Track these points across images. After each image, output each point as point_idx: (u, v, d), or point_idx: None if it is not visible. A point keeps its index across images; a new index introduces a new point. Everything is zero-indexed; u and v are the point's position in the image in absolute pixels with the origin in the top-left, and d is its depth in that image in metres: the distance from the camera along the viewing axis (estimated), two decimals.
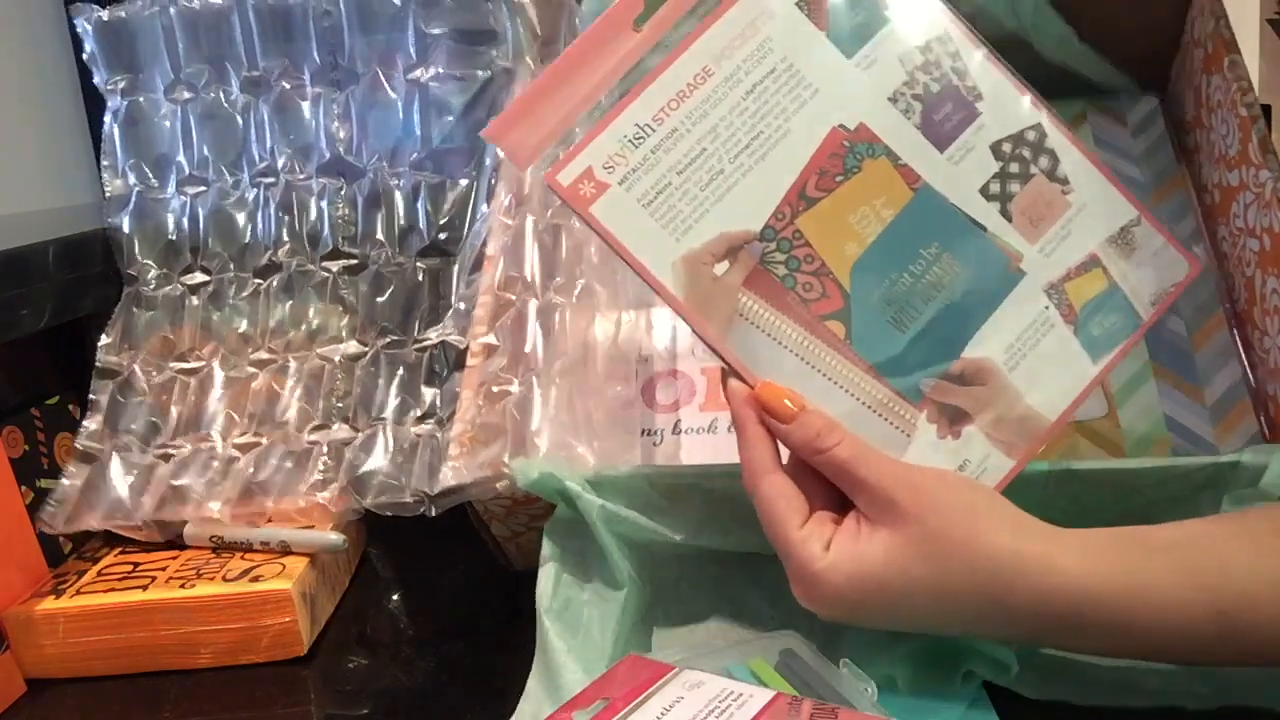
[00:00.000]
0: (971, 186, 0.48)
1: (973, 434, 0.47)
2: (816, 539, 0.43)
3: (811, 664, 0.48)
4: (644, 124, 0.45)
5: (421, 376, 0.71)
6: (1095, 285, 0.49)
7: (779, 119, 0.46)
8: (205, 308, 0.76)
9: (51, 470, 0.67)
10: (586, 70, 0.45)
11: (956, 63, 0.48)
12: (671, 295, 0.45)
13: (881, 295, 0.46)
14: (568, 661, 0.48)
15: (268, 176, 0.78)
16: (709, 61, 0.46)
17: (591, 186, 0.45)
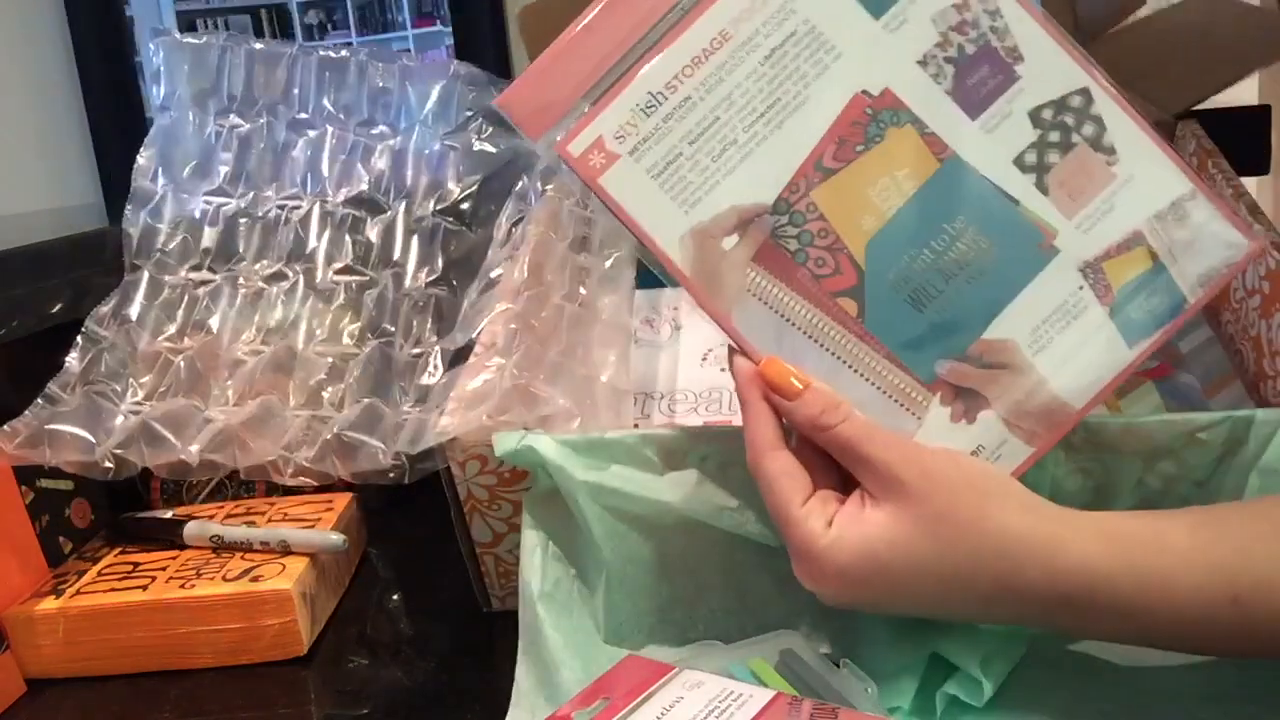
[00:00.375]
0: (1005, 157, 0.44)
1: (989, 419, 0.45)
2: (819, 516, 0.43)
3: (811, 664, 0.48)
4: (656, 91, 0.44)
5: (418, 374, 0.71)
6: (1138, 264, 0.45)
7: (798, 85, 0.44)
8: (206, 301, 0.76)
9: (52, 470, 0.67)
10: (602, 35, 0.44)
11: (996, 21, 0.44)
12: (679, 270, 0.44)
13: (899, 272, 0.45)
14: (565, 657, 0.48)
15: (294, 200, 0.81)
16: (727, 25, 0.44)
17: (601, 157, 0.44)
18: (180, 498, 0.75)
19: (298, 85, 0.84)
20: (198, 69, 0.84)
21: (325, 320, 0.76)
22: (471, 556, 0.58)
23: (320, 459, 0.66)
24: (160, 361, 0.73)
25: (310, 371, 0.73)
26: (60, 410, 0.67)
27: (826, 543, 0.42)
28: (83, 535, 0.69)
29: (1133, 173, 0.45)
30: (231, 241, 0.79)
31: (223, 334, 0.75)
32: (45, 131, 0.93)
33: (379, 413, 0.69)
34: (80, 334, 0.73)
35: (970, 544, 0.41)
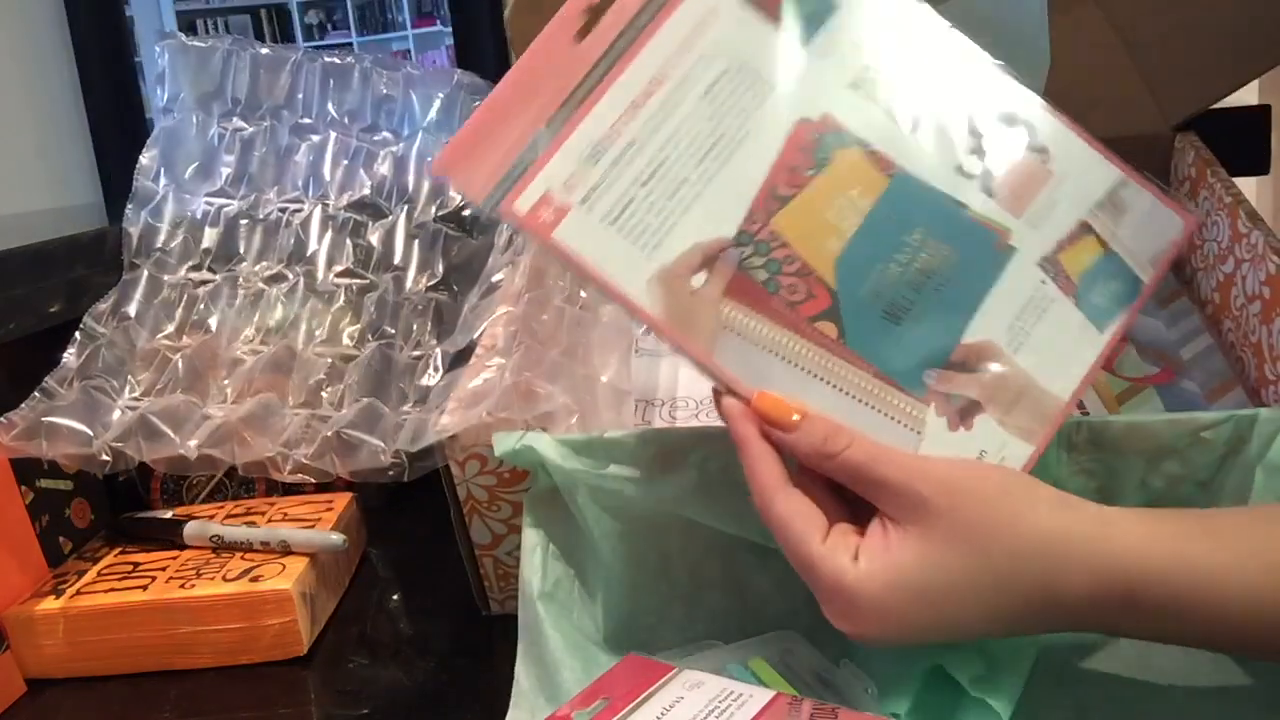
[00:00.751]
0: (949, 165, 0.45)
1: (986, 423, 0.44)
2: (843, 551, 0.40)
3: (812, 664, 0.48)
4: (599, 139, 0.43)
5: (418, 376, 0.71)
6: (1090, 253, 0.46)
7: (739, 119, 0.44)
8: (205, 301, 0.76)
9: (52, 470, 0.67)
10: (533, 90, 0.43)
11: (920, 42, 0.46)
12: (650, 315, 0.43)
13: (870, 289, 0.44)
14: (565, 657, 0.48)
15: (295, 203, 0.81)
16: (659, 68, 0.44)
17: (551, 211, 0.42)
18: (180, 498, 0.75)
19: (302, 90, 0.85)
20: (202, 72, 0.84)
21: (325, 321, 0.76)
22: (470, 559, 0.58)
23: (319, 456, 0.66)
24: (158, 359, 0.73)
25: (309, 372, 0.73)
26: (57, 404, 0.67)
27: (855, 576, 0.39)
28: (83, 535, 0.69)
29: (1067, 169, 0.46)
30: (232, 242, 0.80)
31: (222, 333, 0.75)
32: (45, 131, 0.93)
33: (378, 412, 0.69)
34: (78, 330, 0.73)
35: (1007, 549, 0.39)
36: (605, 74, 0.43)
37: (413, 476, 0.63)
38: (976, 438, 0.45)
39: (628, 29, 0.44)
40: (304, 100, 0.85)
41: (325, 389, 0.72)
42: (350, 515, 0.69)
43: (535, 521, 0.51)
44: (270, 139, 0.83)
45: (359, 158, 0.83)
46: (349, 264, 0.79)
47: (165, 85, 0.85)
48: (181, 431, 0.67)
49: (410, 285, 0.78)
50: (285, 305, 0.76)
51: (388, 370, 0.72)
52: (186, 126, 0.83)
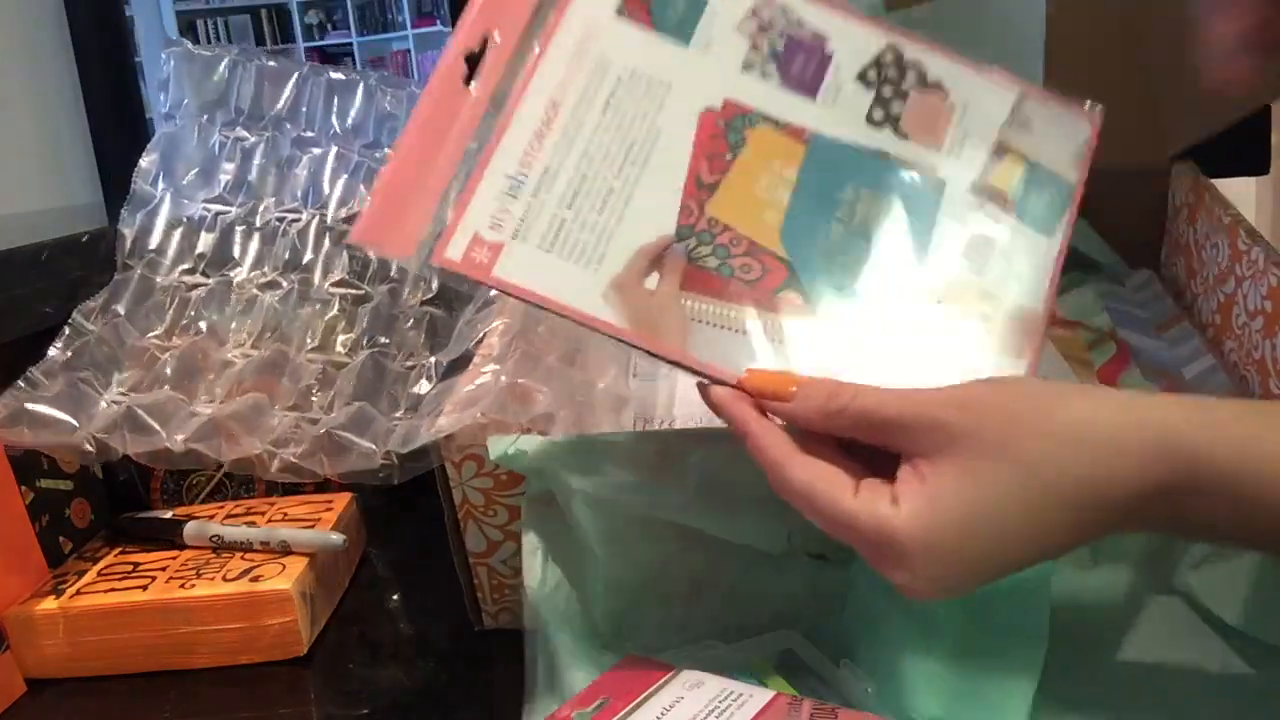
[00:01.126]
0: (857, 120, 0.47)
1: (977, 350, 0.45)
2: (879, 499, 0.38)
3: (811, 664, 0.48)
4: (513, 174, 0.43)
5: (411, 384, 0.71)
6: (1015, 169, 0.48)
7: (645, 122, 0.45)
8: (198, 304, 0.76)
9: (51, 470, 0.68)
10: (434, 144, 0.43)
11: (789, 16, 0.47)
12: (614, 328, 0.42)
13: (821, 251, 0.45)
14: (571, 659, 0.48)
15: (294, 213, 0.81)
16: (552, 95, 0.44)
17: (485, 251, 0.42)
18: (180, 498, 0.75)
19: (305, 104, 0.85)
20: (206, 80, 0.84)
21: (318, 328, 0.76)
22: (465, 568, 0.57)
23: (308, 456, 0.66)
24: (147, 357, 0.73)
25: (300, 376, 0.72)
26: (41, 394, 0.67)
27: (901, 520, 0.37)
28: (83, 535, 0.69)
29: (966, 98, 0.48)
30: (227, 248, 0.79)
31: (213, 336, 0.75)
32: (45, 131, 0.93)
33: (369, 415, 0.69)
34: (67, 325, 0.72)
35: (1042, 450, 0.37)
36: (501, 111, 0.43)
37: (403, 478, 0.62)
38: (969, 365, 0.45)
39: (511, 64, 0.44)
40: (307, 113, 0.85)
41: (315, 393, 0.72)
42: (350, 515, 0.69)
43: (534, 524, 0.51)
44: (271, 149, 0.83)
45: (359, 173, 0.83)
46: (344, 274, 0.79)
47: (169, 92, 0.85)
48: (168, 426, 0.66)
49: (405, 298, 0.78)
50: (278, 311, 0.76)
51: (380, 378, 0.72)
52: (188, 133, 0.83)
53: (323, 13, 5.39)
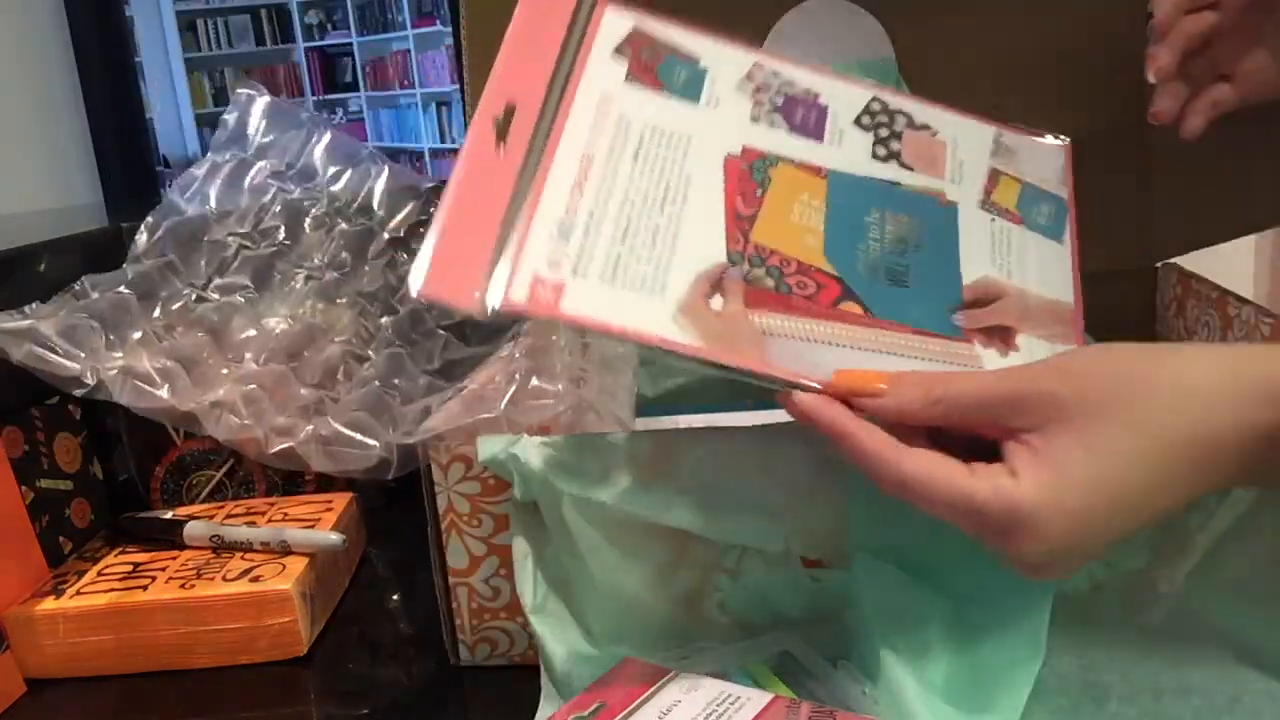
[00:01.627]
0: (864, 157, 0.50)
1: (1027, 340, 0.48)
2: (999, 473, 0.38)
3: (809, 666, 0.48)
4: (560, 219, 0.44)
5: (418, 392, 0.72)
6: (1012, 189, 0.52)
7: (676, 168, 0.47)
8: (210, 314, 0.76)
9: (51, 470, 0.68)
10: (475, 199, 0.44)
11: (781, 79, 0.51)
12: (692, 348, 0.43)
13: (865, 265, 0.48)
14: (571, 666, 0.48)
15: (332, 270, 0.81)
16: (583, 150, 0.46)
17: (548, 290, 0.43)
18: (180, 498, 0.75)
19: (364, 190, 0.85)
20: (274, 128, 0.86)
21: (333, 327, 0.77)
22: (445, 591, 0.55)
23: (305, 444, 0.66)
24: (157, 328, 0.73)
25: (309, 372, 0.73)
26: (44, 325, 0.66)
27: (1025, 489, 0.37)
28: (83, 535, 0.69)
29: (954, 134, 0.52)
30: (245, 275, 0.79)
31: (223, 334, 0.75)
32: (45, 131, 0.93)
33: (374, 410, 0.69)
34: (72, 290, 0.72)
35: (1153, 405, 0.37)
36: (536, 167, 0.45)
37: (398, 474, 0.63)
38: (1025, 355, 0.48)
39: (536, 128, 0.46)
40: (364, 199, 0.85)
41: (324, 390, 0.72)
42: (350, 515, 0.69)
43: (522, 529, 0.51)
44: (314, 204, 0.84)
45: None
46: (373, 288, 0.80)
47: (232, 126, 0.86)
48: (173, 388, 0.67)
49: (430, 323, 0.79)
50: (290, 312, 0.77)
51: (389, 386, 0.73)
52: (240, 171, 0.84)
53: (323, 13, 5.39)
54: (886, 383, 0.42)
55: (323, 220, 0.82)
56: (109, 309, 0.71)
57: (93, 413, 0.73)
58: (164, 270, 0.75)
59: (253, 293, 0.77)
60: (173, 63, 5.16)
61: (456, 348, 0.77)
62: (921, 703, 0.44)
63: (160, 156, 4.26)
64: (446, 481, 0.53)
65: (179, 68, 5.19)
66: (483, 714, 0.53)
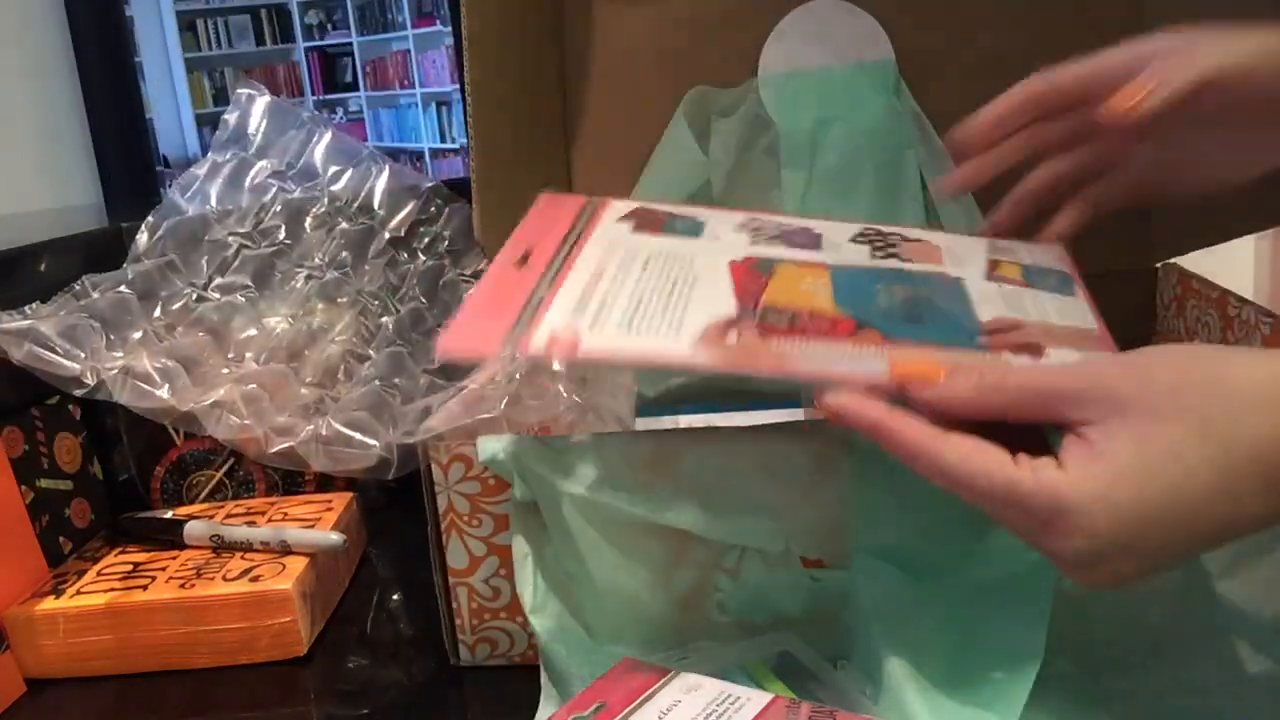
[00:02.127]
0: (863, 258, 0.52)
1: (1059, 352, 0.46)
2: (1045, 466, 0.36)
3: (809, 666, 0.48)
4: (576, 301, 0.46)
5: (419, 391, 0.72)
6: (1014, 270, 0.52)
7: (682, 271, 0.49)
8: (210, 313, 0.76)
9: (51, 470, 0.68)
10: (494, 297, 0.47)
11: (777, 222, 0.54)
12: (709, 366, 0.44)
13: (878, 312, 0.47)
14: (572, 666, 0.48)
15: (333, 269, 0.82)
16: (595, 268, 0.49)
17: (568, 336, 0.44)
18: (180, 498, 0.75)
19: (365, 188, 0.86)
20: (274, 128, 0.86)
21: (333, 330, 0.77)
22: (444, 591, 0.55)
23: (306, 444, 0.66)
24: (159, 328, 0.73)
25: (310, 371, 0.73)
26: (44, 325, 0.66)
27: (1072, 483, 0.36)
28: (83, 535, 0.69)
29: (947, 244, 0.54)
30: (245, 276, 0.79)
31: (224, 334, 0.75)
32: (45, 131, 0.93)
33: (373, 412, 0.69)
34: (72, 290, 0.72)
35: (1218, 406, 0.35)
36: (556, 275, 0.48)
37: (398, 474, 0.63)
38: (1063, 358, 0.46)
39: (554, 258, 0.50)
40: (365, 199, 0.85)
41: (324, 389, 0.72)
42: (350, 515, 0.69)
43: (522, 529, 0.51)
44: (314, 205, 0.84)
45: None
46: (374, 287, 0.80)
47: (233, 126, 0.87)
48: (173, 388, 0.67)
49: (430, 322, 0.79)
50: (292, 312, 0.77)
51: (389, 385, 0.73)
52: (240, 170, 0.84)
53: (323, 13, 5.39)
54: (944, 371, 0.40)
55: (323, 220, 0.82)
56: (109, 309, 0.71)
57: (93, 413, 0.73)
58: (164, 270, 0.75)
59: (253, 292, 0.78)
60: (173, 63, 5.15)
61: None
62: (921, 703, 0.44)
63: (160, 156, 4.26)
64: (446, 481, 0.53)
65: (179, 68, 5.19)
66: (483, 714, 0.53)
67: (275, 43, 5.37)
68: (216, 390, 0.68)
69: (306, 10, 5.36)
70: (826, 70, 0.73)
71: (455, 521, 0.53)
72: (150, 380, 0.67)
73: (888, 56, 0.72)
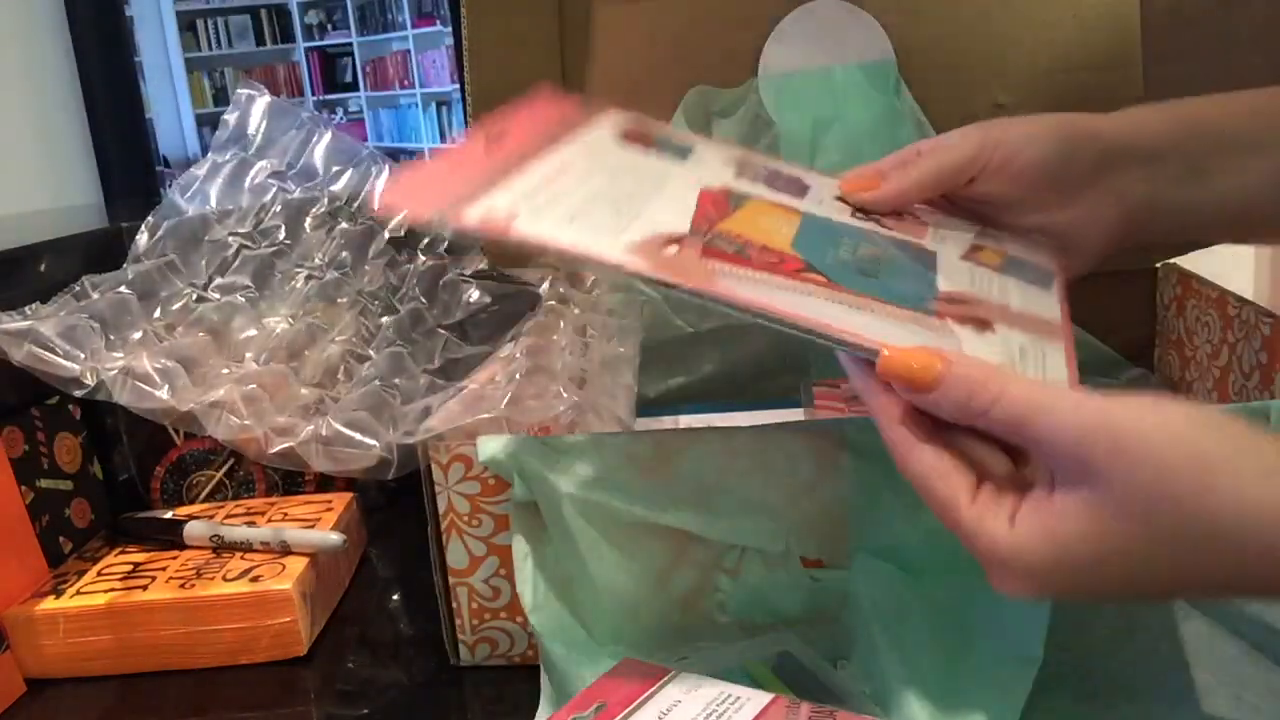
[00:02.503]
0: (843, 215, 0.50)
1: (1007, 332, 0.45)
2: (994, 514, 0.36)
3: (809, 666, 0.48)
4: (530, 189, 0.45)
5: (419, 392, 0.72)
6: (995, 257, 0.50)
7: (650, 184, 0.48)
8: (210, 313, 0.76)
9: (51, 470, 0.68)
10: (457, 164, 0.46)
11: (768, 164, 0.53)
12: (636, 269, 0.42)
13: (835, 260, 0.46)
14: (571, 666, 0.48)
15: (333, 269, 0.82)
16: (562, 162, 0.48)
17: (503, 215, 0.43)
18: (180, 498, 0.75)
19: (367, 189, 0.86)
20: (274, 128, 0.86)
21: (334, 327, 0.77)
22: (444, 591, 0.55)
23: (306, 444, 0.66)
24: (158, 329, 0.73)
25: (310, 371, 0.73)
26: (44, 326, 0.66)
27: (1011, 546, 0.36)
28: (83, 535, 0.69)
29: (938, 220, 0.52)
30: (245, 276, 0.79)
31: (224, 334, 0.75)
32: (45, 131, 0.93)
33: (373, 412, 0.69)
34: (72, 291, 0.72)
35: (1196, 527, 0.33)
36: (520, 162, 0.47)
37: (398, 474, 0.63)
38: (1007, 340, 0.44)
39: (527, 148, 0.48)
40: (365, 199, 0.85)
41: (324, 389, 0.72)
42: (350, 515, 0.69)
43: (522, 529, 0.51)
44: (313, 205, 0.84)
45: None
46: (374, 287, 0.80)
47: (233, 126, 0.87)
48: (173, 388, 0.67)
49: (430, 322, 0.79)
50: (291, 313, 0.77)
51: (389, 385, 0.73)
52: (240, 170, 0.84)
53: (323, 13, 5.39)
54: (940, 372, 0.38)
55: (323, 220, 0.82)
56: (109, 309, 0.71)
57: (93, 413, 0.73)
58: (164, 270, 0.75)
59: (253, 292, 0.78)
60: (173, 63, 5.16)
61: (457, 347, 0.77)
62: (921, 703, 0.44)
63: (160, 156, 4.26)
64: (446, 481, 0.53)
65: (179, 68, 5.20)
66: (483, 714, 0.53)
67: (275, 43, 5.38)
68: (216, 390, 0.68)
69: (306, 10, 5.36)
70: (826, 70, 0.73)
71: (455, 521, 0.53)
72: (150, 380, 0.67)
73: (888, 56, 0.73)
